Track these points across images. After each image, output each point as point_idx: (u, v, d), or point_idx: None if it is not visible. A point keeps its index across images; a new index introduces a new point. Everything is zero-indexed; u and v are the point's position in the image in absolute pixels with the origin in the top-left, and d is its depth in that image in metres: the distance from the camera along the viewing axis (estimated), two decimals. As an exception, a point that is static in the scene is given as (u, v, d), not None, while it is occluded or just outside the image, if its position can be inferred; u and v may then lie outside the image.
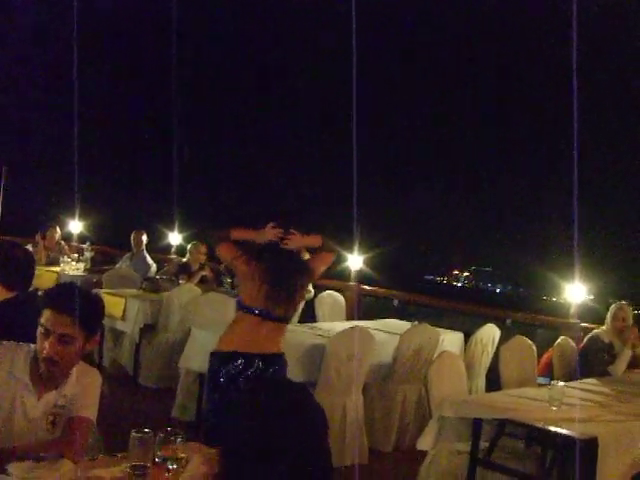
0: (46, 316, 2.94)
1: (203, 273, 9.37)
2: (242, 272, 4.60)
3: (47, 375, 2.96)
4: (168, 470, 2.59)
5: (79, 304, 2.95)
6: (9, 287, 3.98)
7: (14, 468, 2.57)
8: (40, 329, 2.94)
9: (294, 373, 5.88)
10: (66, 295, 3.00)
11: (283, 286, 4.55)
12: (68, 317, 2.92)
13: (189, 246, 9.74)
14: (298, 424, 1.81)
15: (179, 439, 2.63)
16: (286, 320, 4.68)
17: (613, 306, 6.63)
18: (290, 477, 1.74)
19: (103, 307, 3.14)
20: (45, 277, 9.40)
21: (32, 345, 3.01)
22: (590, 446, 4.24)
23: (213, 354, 4.64)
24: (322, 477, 1.82)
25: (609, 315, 6.58)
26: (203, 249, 9.42)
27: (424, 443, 5.03)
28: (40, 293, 3.75)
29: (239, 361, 4.47)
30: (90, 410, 3.05)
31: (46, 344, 2.91)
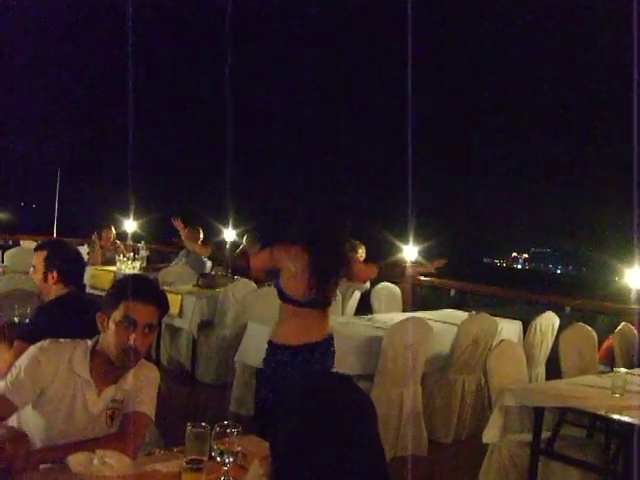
0: (130, 307, 2.93)
1: None
2: (289, 270, 4.67)
3: (123, 365, 2.97)
4: (224, 463, 2.58)
5: (156, 293, 3.03)
6: (66, 283, 4.02)
7: (72, 462, 2.58)
8: (122, 321, 2.92)
9: (353, 365, 5.87)
10: (146, 285, 3.04)
11: (330, 275, 4.70)
12: (153, 307, 2.96)
13: (243, 241, 9.77)
14: (344, 412, 1.78)
15: (235, 432, 2.61)
16: (330, 304, 4.85)
17: None
18: (339, 465, 1.71)
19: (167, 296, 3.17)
20: (101, 276, 9.50)
21: (89, 341, 3.01)
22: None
23: (280, 346, 4.73)
24: (374, 466, 1.78)
25: None
26: (257, 245, 9.43)
27: (490, 436, 4.95)
28: (88, 290, 3.78)
29: (308, 351, 4.64)
30: (148, 405, 3.03)
31: (133, 335, 2.91)
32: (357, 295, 9.10)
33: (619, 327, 6.72)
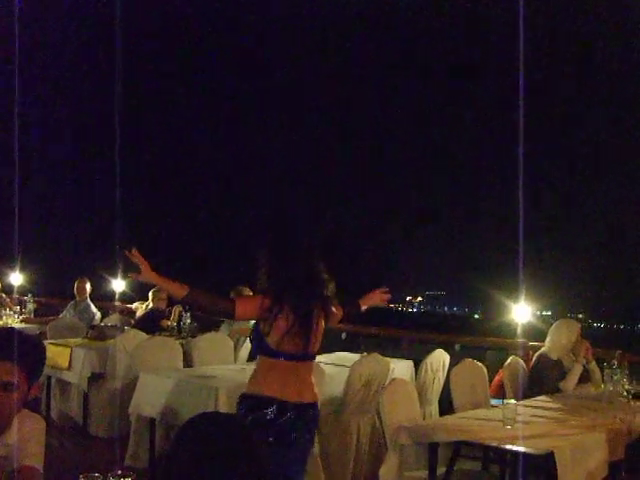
0: None
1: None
2: (279, 322, 4.15)
3: None
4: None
5: (19, 349, 2.82)
6: None
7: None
8: None
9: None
10: (4, 340, 2.86)
11: (311, 322, 4.24)
12: (9, 363, 2.80)
13: (151, 293, 9.71)
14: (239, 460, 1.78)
15: (129, 481, 2.57)
16: (315, 357, 4.41)
17: (558, 323, 6.67)
18: None
19: (44, 350, 3.05)
20: (-13, 332, 9.23)
21: None
22: (547, 460, 4.25)
23: (246, 396, 4.24)
24: None
25: (553, 333, 6.61)
26: (164, 295, 9.38)
27: (387, 475, 4.97)
28: None
29: (273, 407, 4.09)
30: (36, 458, 2.92)
31: None
32: (248, 343, 9.05)
33: (508, 361, 6.87)
